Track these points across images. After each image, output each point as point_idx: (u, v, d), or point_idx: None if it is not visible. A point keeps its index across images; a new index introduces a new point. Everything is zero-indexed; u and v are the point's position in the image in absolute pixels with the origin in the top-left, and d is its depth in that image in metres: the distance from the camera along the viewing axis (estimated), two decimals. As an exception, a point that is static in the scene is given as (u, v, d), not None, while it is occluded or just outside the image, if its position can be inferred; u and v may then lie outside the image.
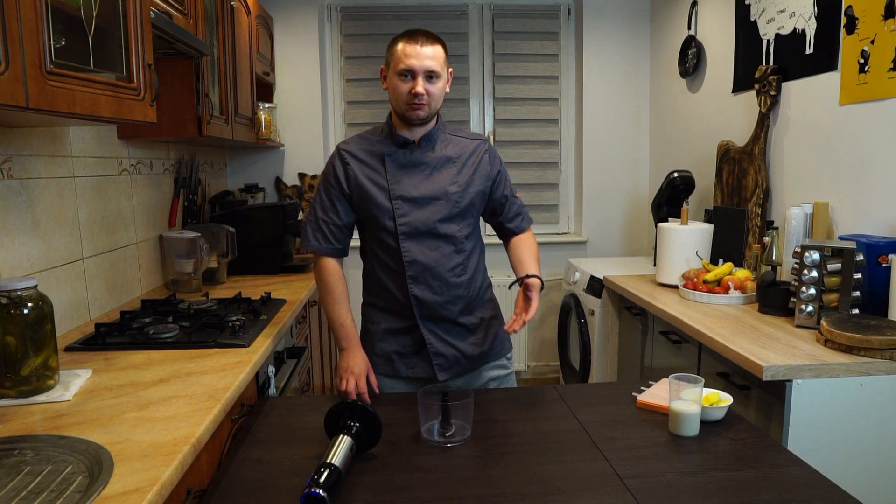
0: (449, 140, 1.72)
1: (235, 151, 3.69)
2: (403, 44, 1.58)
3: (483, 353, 1.76)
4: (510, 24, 3.81)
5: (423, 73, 1.57)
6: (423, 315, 1.69)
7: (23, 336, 1.31)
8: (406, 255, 1.66)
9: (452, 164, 1.69)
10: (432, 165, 1.68)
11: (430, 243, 1.67)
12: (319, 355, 3.05)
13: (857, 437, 1.65)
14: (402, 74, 1.58)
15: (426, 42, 1.58)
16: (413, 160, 1.67)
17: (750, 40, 2.73)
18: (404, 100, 1.60)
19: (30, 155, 1.72)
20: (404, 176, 1.66)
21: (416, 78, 1.58)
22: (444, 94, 1.66)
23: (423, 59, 1.57)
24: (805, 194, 2.39)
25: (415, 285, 1.67)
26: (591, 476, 1.17)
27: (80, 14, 1.34)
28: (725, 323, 2.02)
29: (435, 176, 1.67)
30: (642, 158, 3.91)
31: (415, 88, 1.57)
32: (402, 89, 1.59)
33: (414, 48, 1.57)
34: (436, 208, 1.66)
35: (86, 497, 0.94)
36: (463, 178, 1.69)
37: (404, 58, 1.57)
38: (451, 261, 1.68)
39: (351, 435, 1.20)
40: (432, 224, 1.66)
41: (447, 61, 1.64)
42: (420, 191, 1.66)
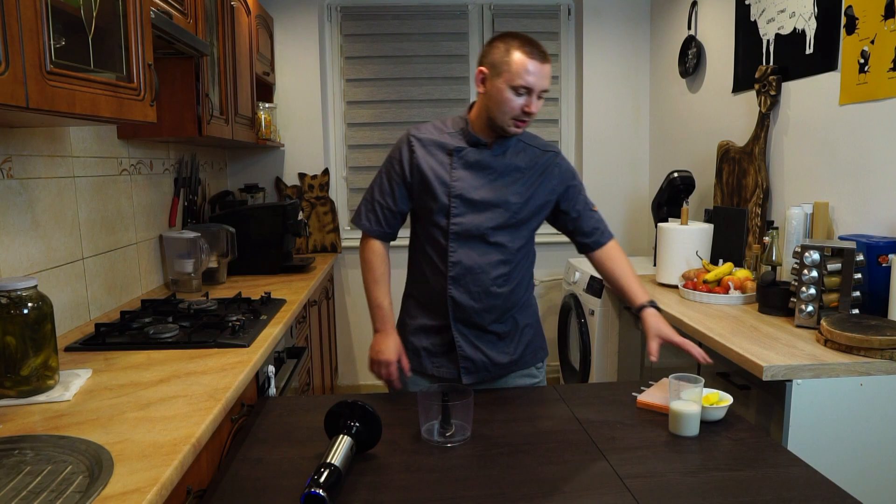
0: (522, 149, 1.67)
1: (235, 151, 3.69)
2: (524, 56, 1.50)
3: (512, 362, 1.73)
4: (510, 24, 3.81)
5: (539, 91, 1.53)
6: (457, 317, 1.67)
7: (23, 336, 1.31)
8: (452, 255, 1.63)
9: (520, 173, 1.64)
10: (499, 171, 1.63)
11: (479, 248, 1.63)
12: (319, 355, 3.05)
13: (857, 437, 1.65)
14: (517, 89, 1.51)
15: (545, 59, 1.53)
16: (481, 162, 1.62)
17: (750, 40, 2.73)
18: (512, 115, 1.54)
19: (30, 155, 1.72)
20: (468, 176, 1.62)
21: (531, 95, 1.52)
22: None
23: (541, 77, 1.52)
24: (805, 194, 2.39)
25: (454, 287, 1.64)
26: (591, 476, 1.17)
27: (80, 14, 1.34)
28: (725, 323, 2.02)
29: (499, 182, 1.63)
30: (642, 158, 3.91)
31: (529, 107, 1.53)
32: (514, 104, 1.53)
33: (536, 66, 1.50)
34: (492, 215, 1.62)
35: (86, 497, 0.94)
36: (527, 189, 1.65)
37: (525, 74, 1.50)
38: (497, 270, 1.64)
39: (351, 435, 1.20)
40: (485, 230, 1.62)
41: None
42: (481, 194, 1.61)
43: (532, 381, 1.78)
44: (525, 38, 1.53)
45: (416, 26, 3.78)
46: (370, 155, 3.86)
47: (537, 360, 1.79)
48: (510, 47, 1.52)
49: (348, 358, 3.92)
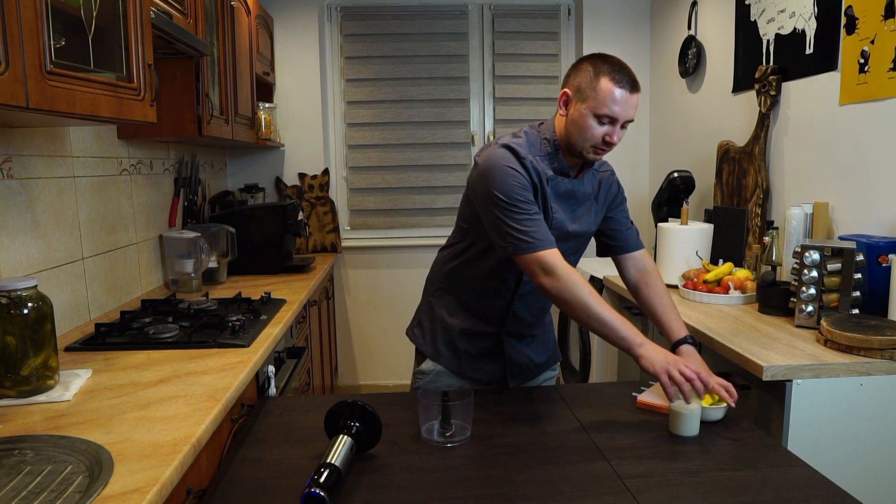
0: (594, 174, 1.64)
1: (235, 151, 3.69)
2: (612, 85, 1.43)
3: (546, 361, 1.79)
4: (510, 24, 3.81)
5: (623, 121, 1.46)
6: (510, 329, 1.68)
7: (23, 336, 1.31)
8: (525, 284, 1.60)
9: (591, 200, 1.62)
10: (580, 200, 1.60)
11: None
12: (319, 355, 3.05)
13: (857, 437, 1.65)
14: (601, 117, 1.45)
15: (635, 88, 1.46)
16: (569, 191, 1.57)
17: (750, 40, 2.73)
18: (593, 142, 1.48)
19: (30, 155, 1.72)
20: (562, 205, 1.57)
21: (615, 125, 1.46)
22: None
23: (628, 107, 1.45)
24: (805, 194, 2.39)
25: (519, 303, 1.63)
26: (591, 476, 1.17)
27: (80, 14, 1.34)
28: (725, 323, 2.02)
29: (580, 211, 1.60)
30: (642, 158, 3.91)
31: (611, 137, 1.47)
32: (596, 132, 1.46)
33: (625, 96, 1.44)
34: (575, 244, 1.61)
35: (86, 497, 0.94)
36: (599, 215, 1.65)
37: (612, 103, 1.43)
38: None
39: (351, 435, 1.20)
40: (566, 257, 1.51)
41: None
42: (573, 226, 1.58)
43: (553, 374, 1.85)
44: (615, 64, 1.46)
45: (416, 26, 3.78)
46: (370, 155, 3.86)
47: (558, 357, 1.85)
48: (599, 73, 1.45)
49: (348, 358, 3.92)
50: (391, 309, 3.84)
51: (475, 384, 1.70)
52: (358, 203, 3.90)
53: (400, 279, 3.79)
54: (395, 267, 3.74)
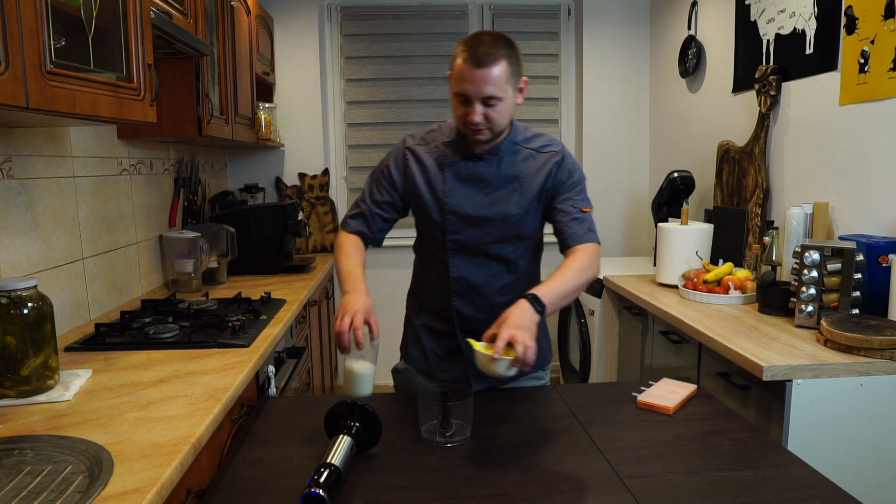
0: (518, 152, 1.55)
1: (235, 151, 3.69)
2: (462, 60, 1.40)
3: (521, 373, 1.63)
4: (510, 24, 3.81)
5: (479, 99, 1.41)
6: (464, 329, 1.63)
7: (23, 336, 1.31)
8: (453, 270, 1.58)
9: (518, 182, 1.54)
10: (494, 183, 1.54)
11: (480, 261, 1.57)
12: (319, 355, 3.05)
13: (857, 437, 1.65)
14: (457, 96, 1.44)
15: (485, 62, 1.38)
16: (476, 174, 1.53)
17: (750, 40, 2.73)
18: (461, 123, 1.47)
19: (30, 155, 1.72)
20: (463, 190, 1.54)
21: (471, 104, 1.41)
22: (512, 109, 1.48)
23: (477, 84, 1.38)
24: (805, 194, 2.39)
25: (458, 300, 1.61)
26: (591, 476, 1.17)
27: (80, 14, 1.34)
28: (725, 323, 2.02)
29: (496, 195, 1.54)
30: (642, 158, 3.91)
31: (470, 116, 1.42)
32: (458, 112, 1.45)
33: (471, 70, 1.38)
34: (491, 229, 1.54)
35: (86, 497, 0.94)
36: (526, 198, 1.54)
37: (460, 81, 1.41)
38: (500, 280, 1.59)
39: (351, 435, 1.20)
40: (484, 245, 1.55)
41: (515, 73, 1.44)
42: (476, 209, 1.53)
43: (539, 384, 1.75)
44: (472, 41, 1.41)
45: (416, 26, 3.78)
46: (370, 155, 3.86)
47: (544, 362, 1.75)
48: (456, 53, 1.43)
49: (348, 358, 3.91)
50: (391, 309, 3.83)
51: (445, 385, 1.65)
52: (358, 203, 3.89)
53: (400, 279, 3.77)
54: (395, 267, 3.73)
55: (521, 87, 1.49)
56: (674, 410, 1.44)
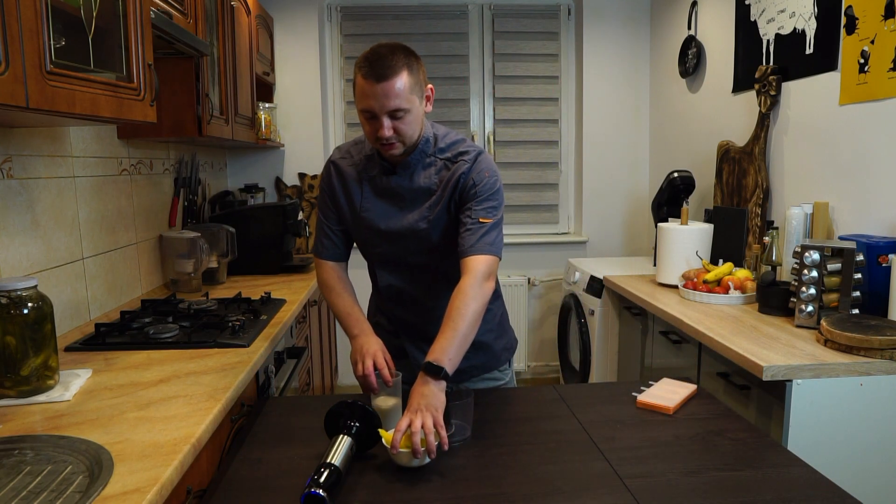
0: (433, 164, 1.52)
1: (235, 151, 3.69)
2: (361, 76, 1.37)
3: (472, 367, 1.65)
4: (510, 24, 3.81)
5: (385, 113, 1.37)
6: (405, 331, 1.66)
7: (23, 336, 1.31)
8: (381, 280, 1.63)
9: (430, 195, 1.51)
10: (408, 198, 1.52)
11: (405, 272, 1.60)
12: (319, 355, 3.05)
13: (857, 437, 1.65)
14: (363, 112, 1.40)
15: (384, 76, 1.34)
16: (390, 189, 1.53)
17: (750, 40, 2.73)
18: (372, 140, 1.44)
19: (30, 155, 1.72)
20: (378, 204, 1.54)
21: (378, 119, 1.38)
22: (422, 119, 1.47)
23: (381, 98, 1.35)
24: (805, 194, 2.39)
25: (393, 306, 1.65)
26: (591, 476, 1.17)
27: (80, 14, 1.34)
28: (725, 323, 2.02)
29: (407, 210, 1.53)
30: (642, 158, 3.91)
31: (379, 132, 1.39)
32: (367, 130, 1.43)
33: (371, 86, 1.35)
34: (405, 244, 1.55)
35: (86, 497, 0.94)
36: (434, 212, 1.51)
37: (363, 97, 1.38)
38: (426, 286, 1.60)
39: (351, 435, 1.20)
40: (402, 257, 1.57)
41: (418, 83, 1.41)
42: (389, 225, 1.54)
43: (497, 384, 1.72)
44: (371, 56, 1.37)
45: (416, 26, 3.78)
46: (370, 155, 3.86)
47: (500, 363, 1.72)
48: (356, 69, 1.40)
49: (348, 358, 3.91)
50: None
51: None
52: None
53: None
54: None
55: (428, 95, 1.47)
56: (674, 410, 1.44)
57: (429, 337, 1.59)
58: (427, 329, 1.62)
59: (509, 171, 3.89)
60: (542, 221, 3.99)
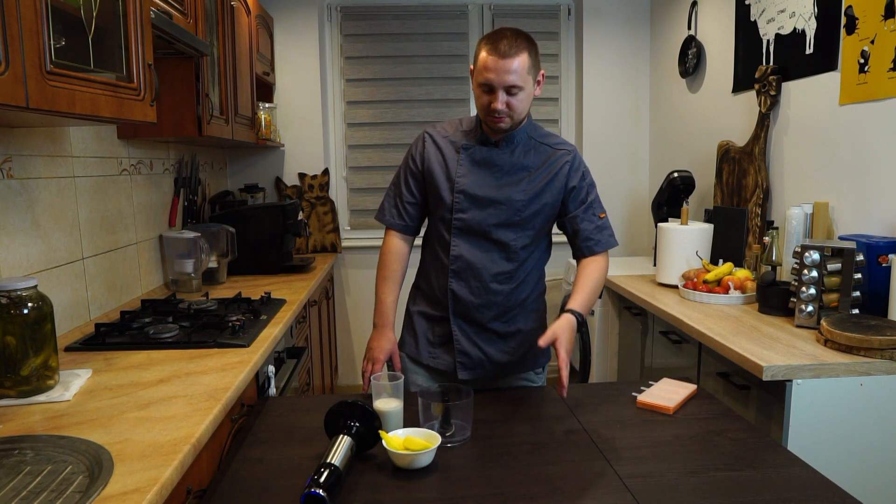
0: (533, 146, 1.64)
1: (235, 151, 3.69)
2: (486, 52, 1.49)
3: (511, 363, 1.70)
4: (510, 24, 3.75)
5: (502, 88, 1.49)
6: (457, 311, 1.67)
7: (23, 336, 1.31)
8: (454, 249, 1.64)
9: (527, 172, 1.62)
10: (505, 169, 1.61)
11: (482, 244, 1.63)
12: (319, 355, 3.05)
13: (857, 437, 1.65)
14: (481, 86, 1.51)
15: (508, 52, 1.47)
16: (488, 159, 1.62)
17: (750, 40, 2.73)
18: (484, 112, 1.55)
19: (30, 155, 1.72)
20: (475, 172, 1.62)
21: (495, 93, 1.50)
22: (531, 101, 1.59)
23: (501, 73, 1.47)
24: (805, 194, 2.39)
25: (455, 280, 1.65)
26: (591, 476, 1.17)
27: (80, 14, 1.34)
28: (725, 323, 2.02)
29: (505, 179, 1.61)
30: (642, 158, 3.91)
31: (493, 104, 1.50)
32: (482, 101, 1.53)
33: (495, 61, 1.47)
34: (495, 211, 1.61)
35: (86, 497, 0.94)
36: (534, 187, 1.61)
37: (483, 70, 1.49)
38: (498, 266, 1.63)
39: (351, 435, 1.20)
40: (487, 227, 1.61)
41: (535, 66, 1.54)
42: (485, 191, 1.61)
43: (530, 386, 1.75)
44: (496, 36, 1.50)
45: (416, 26, 3.78)
46: (370, 155, 3.86)
47: (538, 365, 1.76)
48: (480, 46, 1.53)
49: (348, 358, 3.92)
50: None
51: (434, 374, 1.72)
52: (358, 203, 3.90)
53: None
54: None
55: (540, 79, 1.59)
56: (674, 410, 1.44)
57: (478, 323, 1.68)
58: (480, 314, 1.67)
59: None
60: (542, 221, 3.99)
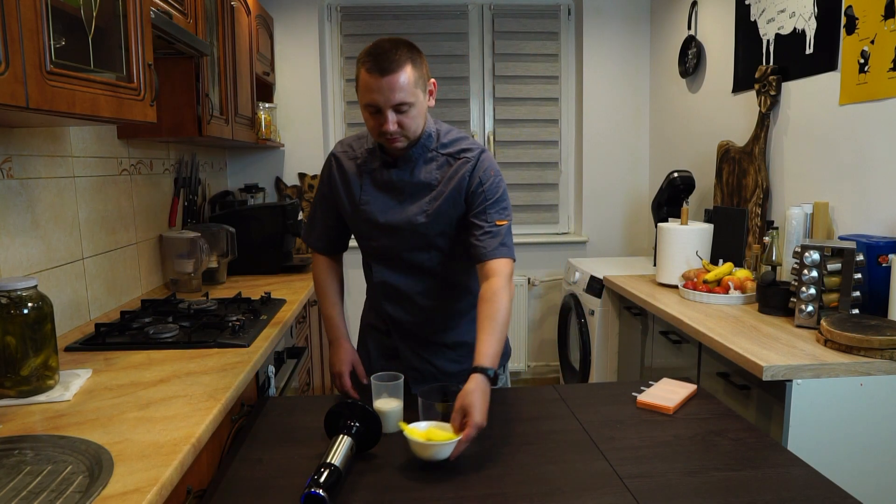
0: (434, 159, 1.52)
1: (235, 151, 3.69)
2: (365, 71, 1.37)
3: (463, 371, 1.59)
4: (510, 24, 3.81)
5: (390, 107, 1.38)
6: (397, 330, 1.66)
7: (23, 336, 1.31)
8: (376, 274, 1.62)
9: (430, 190, 1.52)
10: (407, 191, 1.53)
11: (399, 267, 1.60)
12: (319, 355, 3.05)
13: (857, 437, 1.65)
14: (367, 107, 1.41)
15: (390, 69, 1.35)
16: (390, 182, 1.53)
17: (750, 40, 2.73)
18: (376, 135, 1.45)
19: (30, 155, 1.72)
20: (378, 198, 1.55)
21: (383, 113, 1.39)
22: (426, 114, 1.48)
23: (386, 92, 1.36)
24: (805, 194, 2.39)
25: (387, 303, 1.64)
26: (591, 476, 1.17)
27: (80, 14, 1.34)
28: (725, 323, 2.02)
29: (407, 203, 1.53)
30: (642, 158, 3.91)
31: (384, 125, 1.40)
32: (371, 125, 1.43)
33: (377, 80, 1.35)
34: (402, 237, 1.55)
35: (86, 497, 0.94)
36: (435, 205, 1.51)
37: (367, 92, 1.38)
38: (422, 284, 1.60)
39: (351, 435, 1.20)
40: (398, 252, 1.57)
41: (421, 77, 1.42)
42: (387, 218, 1.54)
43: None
44: (375, 50, 1.38)
45: (416, 26, 3.78)
46: (370, 155, 3.86)
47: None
48: (358, 64, 1.40)
49: (348, 358, 3.91)
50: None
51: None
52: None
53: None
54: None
55: (431, 89, 1.48)
56: (674, 410, 1.44)
57: (420, 337, 1.63)
58: (419, 329, 1.64)
59: (509, 171, 3.89)
60: (542, 221, 3.99)
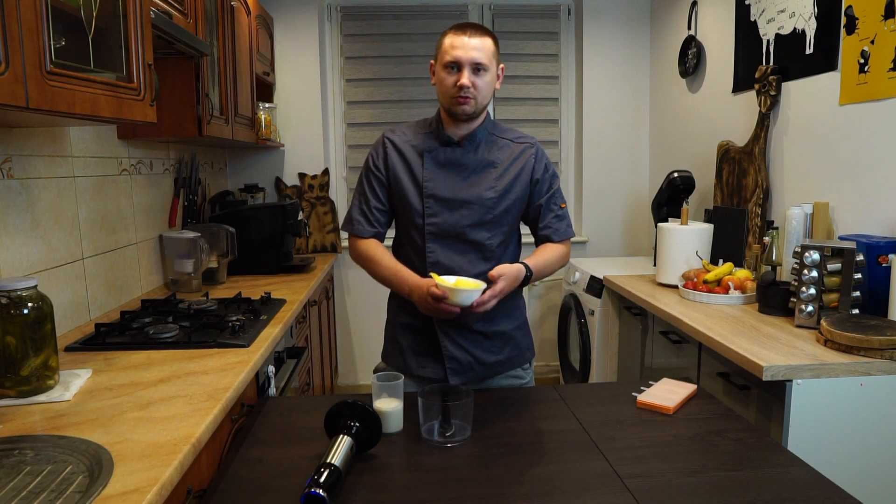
0: (495, 142, 1.65)
1: (235, 151, 3.69)
2: (451, 36, 1.55)
3: (499, 362, 1.70)
4: (510, 24, 3.81)
5: (469, 65, 1.53)
6: (440, 321, 1.64)
7: (23, 336, 1.31)
8: (430, 255, 1.62)
9: (493, 168, 1.63)
10: (472, 168, 1.62)
11: (457, 247, 1.62)
12: (319, 355, 3.05)
13: (857, 437, 1.65)
14: (448, 66, 1.55)
15: (474, 34, 1.54)
16: (453, 160, 1.62)
17: (750, 40, 2.73)
18: (450, 93, 1.55)
19: (30, 155, 1.72)
20: (441, 175, 1.62)
21: (461, 70, 1.54)
22: (493, 91, 1.62)
23: (469, 50, 1.53)
24: (805, 194, 2.39)
25: None
26: (591, 476, 1.17)
27: (80, 14, 1.34)
28: (725, 323, 2.02)
29: (473, 179, 1.62)
30: (642, 158, 3.91)
31: (460, 80, 1.53)
32: (448, 82, 1.55)
33: (461, 39, 1.53)
34: (468, 212, 1.61)
35: (86, 497, 0.94)
36: (502, 183, 1.62)
37: (450, 49, 1.54)
38: (476, 268, 1.62)
39: (351, 435, 1.20)
40: (461, 228, 1.61)
41: (497, 56, 1.59)
42: (454, 192, 1.61)
43: (519, 383, 1.75)
44: (462, 23, 1.57)
45: (416, 26, 3.78)
46: (370, 155, 3.86)
47: (524, 360, 1.76)
48: (445, 33, 1.58)
49: (348, 358, 3.92)
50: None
51: (424, 383, 1.64)
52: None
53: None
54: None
55: (499, 73, 1.62)
56: (674, 410, 1.44)
57: (463, 326, 1.65)
58: (464, 318, 1.63)
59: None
60: (542, 221, 3.99)
